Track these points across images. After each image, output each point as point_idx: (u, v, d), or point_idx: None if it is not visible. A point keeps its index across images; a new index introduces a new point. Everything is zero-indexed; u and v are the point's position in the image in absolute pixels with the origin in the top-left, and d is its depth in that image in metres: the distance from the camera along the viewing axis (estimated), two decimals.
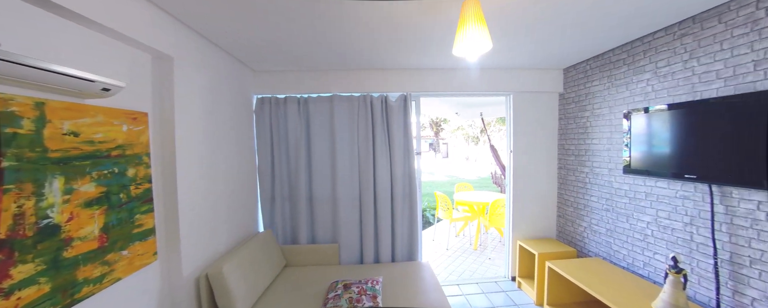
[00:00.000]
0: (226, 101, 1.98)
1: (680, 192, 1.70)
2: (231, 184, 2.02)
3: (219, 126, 1.88)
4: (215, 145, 1.83)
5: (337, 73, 2.50)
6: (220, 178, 1.88)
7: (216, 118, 1.85)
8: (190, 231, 1.56)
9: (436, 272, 3.10)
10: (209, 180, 1.75)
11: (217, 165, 1.84)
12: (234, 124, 2.09)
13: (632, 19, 1.63)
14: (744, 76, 1.40)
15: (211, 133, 1.79)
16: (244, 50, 1.97)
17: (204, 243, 1.68)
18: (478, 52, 1.16)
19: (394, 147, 2.47)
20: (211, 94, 1.79)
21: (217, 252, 1.81)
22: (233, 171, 2.06)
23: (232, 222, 2.03)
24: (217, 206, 1.83)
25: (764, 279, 1.34)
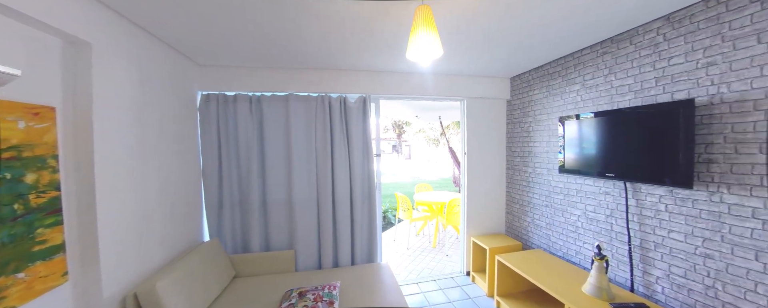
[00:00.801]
0: (162, 97, 1.77)
1: (603, 188, 1.96)
2: (168, 190, 1.81)
3: (152, 125, 1.67)
4: (148, 145, 1.62)
5: (294, 72, 2.39)
6: (154, 183, 1.67)
7: (149, 115, 1.64)
8: (114, 244, 1.36)
9: (397, 272, 3.16)
10: (139, 186, 1.54)
11: (149, 169, 1.63)
12: (172, 122, 1.88)
13: (566, 38, 1.85)
14: (648, 90, 1.66)
15: (142, 132, 1.58)
16: (185, 41, 1.79)
17: (133, 257, 1.48)
18: (430, 58, 1.21)
19: (353, 148, 2.44)
20: (142, 88, 1.58)
21: (150, 266, 1.61)
22: (171, 175, 1.85)
23: (170, 233, 1.82)
24: (151, 215, 1.63)
25: (665, 261, 1.60)
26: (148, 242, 1.60)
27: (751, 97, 1.25)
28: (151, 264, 1.63)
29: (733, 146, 1.31)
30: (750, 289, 1.28)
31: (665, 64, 1.57)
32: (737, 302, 1.32)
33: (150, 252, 1.62)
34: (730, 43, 1.31)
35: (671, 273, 1.57)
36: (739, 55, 1.29)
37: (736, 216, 1.31)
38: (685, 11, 1.47)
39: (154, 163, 1.68)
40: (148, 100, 1.65)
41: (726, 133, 1.33)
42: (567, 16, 1.55)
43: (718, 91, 1.35)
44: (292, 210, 2.35)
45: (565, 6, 1.44)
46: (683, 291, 1.52)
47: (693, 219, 1.47)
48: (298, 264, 2.37)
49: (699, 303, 1.45)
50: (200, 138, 2.26)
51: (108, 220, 1.32)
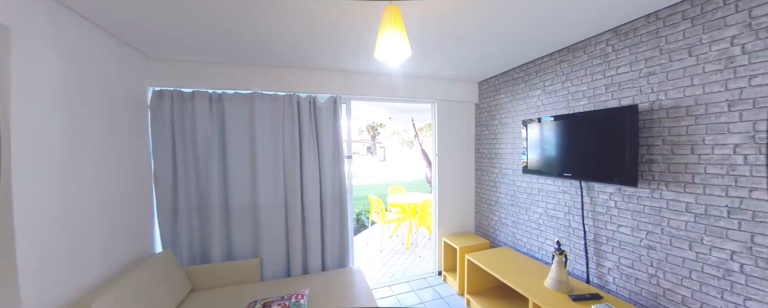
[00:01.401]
0: (103, 92, 1.57)
1: (561, 187, 2.09)
2: (110, 197, 1.61)
3: (90, 123, 1.47)
4: (83, 146, 1.42)
5: (259, 69, 2.26)
6: (92, 190, 1.47)
7: (85, 113, 1.44)
8: (38, 261, 1.17)
9: (370, 275, 3.13)
10: (72, 193, 1.35)
11: (86, 173, 1.43)
12: (116, 121, 1.67)
13: (528, 46, 1.95)
14: (599, 96, 1.80)
15: (77, 131, 1.38)
16: (133, 31, 1.61)
17: (64, 274, 1.29)
18: (398, 58, 1.21)
19: (323, 150, 2.36)
20: (77, 81, 1.39)
21: (86, 284, 1.41)
22: (114, 180, 1.64)
23: (113, 245, 1.62)
24: (87, 226, 1.43)
25: (615, 253, 1.74)
26: (84, 256, 1.40)
27: (683, 104, 1.40)
28: (89, 281, 1.43)
29: (669, 148, 1.46)
30: (686, 276, 1.42)
31: (613, 73, 1.71)
32: (675, 288, 1.46)
33: (87, 268, 1.42)
34: (667, 56, 1.46)
35: (620, 264, 1.71)
36: (674, 66, 1.44)
37: (673, 210, 1.46)
38: (629, 25, 1.62)
39: (91, 167, 1.47)
40: (85, 96, 1.45)
41: (664, 135, 1.48)
42: (526, 26, 1.64)
43: (658, 97, 1.50)
44: (258, 216, 2.21)
45: (525, 16, 1.51)
46: (631, 281, 1.66)
47: (638, 214, 1.61)
48: (265, 273, 2.23)
49: (644, 291, 1.59)
50: (151, 138, 2.04)
51: (29, 233, 1.13)
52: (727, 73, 1.26)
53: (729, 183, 1.26)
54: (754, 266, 1.20)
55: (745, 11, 1.20)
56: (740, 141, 1.23)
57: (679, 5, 1.40)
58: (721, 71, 1.28)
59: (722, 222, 1.29)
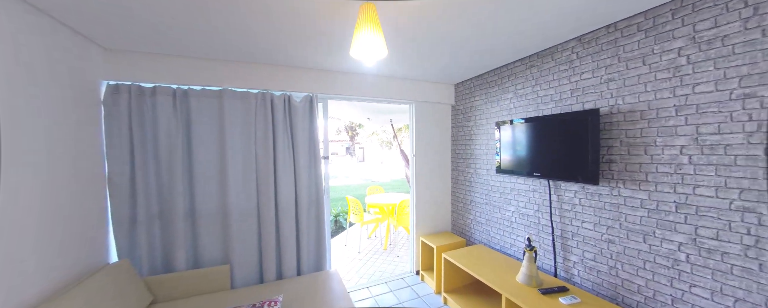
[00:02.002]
0: (44, 85, 1.40)
1: (531, 186, 2.19)
2: (53, 203, 1.43)
3: (26, 120, 1.30)
4: (18, 146, 1.25)
5: (230, 65, 2.14)
6: (30, 195, 1.30)
7: (21, 107, 1.27)
8: None
9: (348, 278, 3.10)
10: (4, 200, 1.18)
11: (21, 177, 1.26)
12: (61, 117, 1.49)
13: (501, 51, 2.02)
14: (566, 100, 1.91)
15: (10, 128, 1.21)
16: (83, 19, 1.45)
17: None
18: (374, 57, 1.21)
19: (298, 151, 2.28)
20: (12, 72, 1.23)
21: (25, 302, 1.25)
22: (58, 183, 1.46)
23: (56, 257, 1.44)
24: (23, 236, 1.26)
25: (580, 247, 1.85)
26: (20, 271, 1.24)
27: (638, 109, 1.52)
28: (28, 298, 1.26)
29: (626, 148, 1.58)
30: (641, 267, 1.54)
31: (578, 78, 1.83)
32: (632, 278, 1.58)
33: (25, 283, 1.25)
34: (624, 64, 1.58)
35: (584, 258, 1.82)
36: (630, 73, 1.56)
37: (629, 206, 1.58)
38: (592, 34, 1.73)
39: (27, 170, 1.30)
40: (21, 88, 1.27)
41: (622, 137, 1.60)
42: (498, 32, 1.70)
43: (616, 102, 1.62)
44: (227, 221, 2.09)
45: (497, 23, 1.56)
46: (593, 273, 1.77)
47: (599, 210, 1.72)
48: (235, 280, 2.11)
49: (605, 282, 1.71)
50: (104, 137, 1.84)
51: None
52: (675, 80, 1.38)
53: (677, 181, 1.39)
54: (697, 256, 1.33)
55: (690, 25, 1.33)
56: (686, 142, 1.35)
57: (635, 18, 1.53)
58: (670, 79, 1.40)
59: (671, 217, 1.41)
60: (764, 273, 1.15)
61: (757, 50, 1.15)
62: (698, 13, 1.30)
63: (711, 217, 1.28)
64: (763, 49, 1.13)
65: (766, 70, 1.13)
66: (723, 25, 1.23)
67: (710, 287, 1.29)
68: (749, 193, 1.18)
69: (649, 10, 1.47)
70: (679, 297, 1.40)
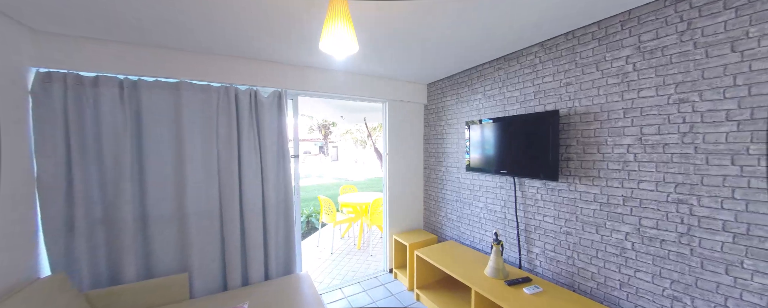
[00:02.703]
0: None
1: (498, 183, 2.29)
2: None
3: None
4: None
5: (189, 55, 1.96)
6: None
7: None
8: None
9: (320, 279, 3.03)
10: None
11: None
12: None
13: (470, 53, 2.08)
14: (529, 102, 2.02)
15: None
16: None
17: None
18: (345, 52, 1.18)
19: (266, 149, 2.16)
20: None
21: None
22: None
23: None
24: None
25: (541, 240, 1.97)
26: None
27: (592, 111, 1.65)
28: None
29: (582, 147, 1.71)
30: (594, 255, 1.68)
31: (540, 82, 1.94)
32: (587, 266, 1.72)
33: None
34: (581, 69, 1.71)
35: (545, 249, 1.94)
36: (585, 78, 1.68)
37: (584, 201, 1.71)
38: (553, 41, 1.85)
39: None
40: None
41: (578, 137, 1.73)
42: (468, 36, 1.75)
43: (573, 104, 1.74)
44: (185, 225, 1.92)
45: (467, 27, 1.61)
46: (553, 263, 1.90)
47: (558, 205, 1.85)
48: (195, 289, 1.94)
49: (563, 271, 1.84)
50: (33, 132, 1.60)
51: None
52: (623, 86, 1.52)
53: (624, 177, 1.53)
54: (641, 243, 1.48)
55: (636, 36, 1.46)
56: (631, 142, 1.49)
57: (590, 27, 1.65)
58: (619, 84, 1.54)
59: (619, 209, 1.55)
60: (695, 257, 1.30)
61: (690, 60, 1.29)
62: (643, 25, 1.44)
63: (652, 209, 1.43)
64: (695, 59, 1.28)
65: (697, 78, 1.28)
66: (663, 36, 1.37)
67: (651, 271, 1.44)
68: (683, 187, 1.33)
69: (602, 20, 1.59)
70: (625, 282, 1.54)
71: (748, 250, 1.16)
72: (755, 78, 1.13)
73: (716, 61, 1.22)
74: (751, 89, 1.15)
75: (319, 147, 25.50)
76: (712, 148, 1.24)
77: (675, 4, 1.33)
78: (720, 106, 1.22)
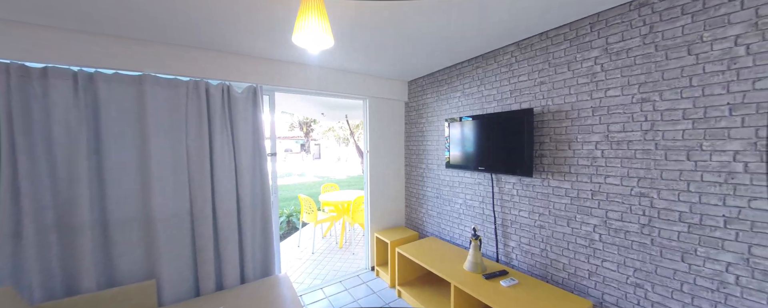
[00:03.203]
0: None
1: (477, 179, 2.34)
2: None
3: None
4: None
5: (155, 47, 1.83)
6: None
7: None
8: None
9: (300, 280, 2.97)
10: None
11: None
12: None
13: (450, 51, 2.10)
14: (506, 100, 2.07)
15: None
16: None
17: None
18: (319, 46, 1.14)
19: (240, 147, 2.06)
20: None
21: None
22: None
23: None
24: None
25: (517, 234, 2.04)
26: None
27: (563, 109, 1.72)
28: None
29: (554, 144, 1.77)
30: (565, 247, 1.76)
31: (516, 80, 1.99)
32: (558, 258, 1.79)
33: None
34: (553, 69, 1.77)
35: (521, 243, 2.01)
36: (557, 77, 1.74)
37: (556, 195, 1.78)
38: (528, 41, 1.90)
39: None
40: None
41: (551, 134, 1.79)
42: (446, 34, 1.76)
43: (547, 103, 1.81)
44: (152, 228, 1.80)
45: (445, 25, 1.62)
46: (528, 256, 1.97)
47: (532, 199, 1.92)
48: (164, 296, 1.83)
49: (538, 263, 1.91)
50: None
51: None
52: (592, 85, 1.59)
53: (592, 172, 1.60)
54: (607, 235, 1.56)
55: (604, 38, 1.53)
56: (599, 139, 1.57)
57: (562, 28, 1.71)
58: (588, 84, 1.61)
59: (588, 203, 1.63)
60: (655, 246, 1.39)
61: (652, 62, 1.37)
62: (610, 28, 1.51)
63: (617, 202, 1.51)
64: (656, 61, 1.36)
65: (658, 79, 1.36)
66: (628, 39, 1.45)
67: (616, 260, 1.53)
68: (644, 181, 1.41)
69: (573, 22, 1.65)
70: (594, 271, 1.63)
71: (701, 239, 1.26)
72: (708, 79, 1.22)
73: (675, 62, 1.31)
74: (704, 90, 1.23)
75: (301, 145, 25.02)
76: (671, 145, 1.33)
77: (639, 8, 1.41)
78: (677, 105, 1.30)
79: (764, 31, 1.09)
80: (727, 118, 1.18)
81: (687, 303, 1.31)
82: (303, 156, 23.98)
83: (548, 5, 1.47)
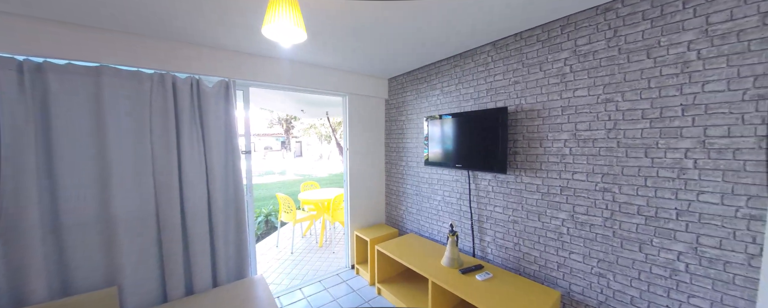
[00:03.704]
0: None
1: (454, 176, 2.38)
2: None
3: None
4: None
5: (114, 36, 1.69)
6: None
7: None
8: None
9: (279, 281, 2.90)
10: None
11: None
12: None
13: (428, 49, 2.11)
14: (482, 98, 2.12)
15: None
16: None
17: None
18: (290, 40, 1.11)
19: (211, 145, 1.96)
20: None
21: None
22: None
23: None
24: None
25: (492, 229, 2.10)
26: None
27: (535, 108, 1.78)
28: None
29: (527, 142, 1.84)
30: (536, 241, 1.83)
31: (492, 79, 2.04)
32: (530, 251, 1.86)
33: None
34: (527, 69, 1.82)
35: (496, 237, 2.07)
36: (530, 77, 1.80)
37: (529, 191, 1.85)
38: (503, 41, 1.94)
39: None
40: None
41: (523, 132, 1.85)
42: (425, 32, 1.76)
43: (520, 102, 1.86)
44: (113, 232, 1.68)
45: (423, 23, 1.62)
46: (502, 250, 2.03)
47: (507, 195, 1.98)
48: (128, 304, 1.71)
49: (511, 257, 1.98)
50: None
51: None
52: (561, 85, 1.66)
53: (561, 169, 1.68)
54: (574, 228, 1.64)
55: (573, 40, 1.60)
56: (567, 137, 1.64)
57: (535, 30, 1.77)
58: (558, 84, 1.67)
59: (557, 198, 1.70)
60: (616, 238, 1.48)
61: (615, 64, 1.45)
62: (579, 30, 1.57)
63: (583, 197, 1.59)
64: (619, 63, 1.44)
65: (620, 81, 1.43)
66: (594, 42, 1.52)
67: (582, 252, 1.61)
68: (607, 177, 1.49)
69: (545, 24, 1.71)
70: (562, 263, 1.71)
71: (656, 230, 1.35)
72: (664, 82, 1.30)
73: (635, 65, 1.38)
74: (661, 91, 1.32)
75: (281, 142, 24.42)
76: (631, 143, 1.41)
77: (604, 12, 1.48)
78: (637, 105, 1.39)
79: (713, 37, 1.18)
80: (680, 118, 1.27)
81: (644, 290, 1.40)
82: (284, 154, 23.43)
83: (525, 5, 1.51)
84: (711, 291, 1.22)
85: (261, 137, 23.73)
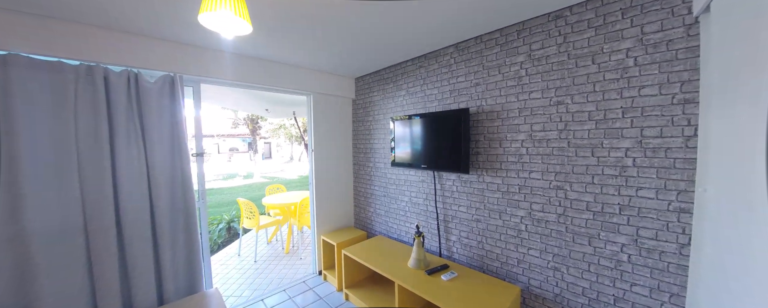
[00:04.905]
0: None
1: (421, 177, 2.39)
2: None
3: None
4: None
5: (27, 19, 1.44)
6: None
7: None
8: None
9: (238, 293, 2.71)
10: None
11: None
12: None
13: (392, 50, 2.09)
14: (446, 100, 2.14)
15: None
16: None
17: None
18: (233, 31, 1.01)
19: (153, 147, 1.77)
20: None
21: None
22: None
23: None
24: None
25: (457, 228, 2.12)
26: None
27: (495, 109, 1.83)
28: None
29: (488, 142, 1.88)
30: (497, 238, 1.88)
31: (455, 81, 2.07)
32: (492, 249, 1.91)
33: None
34: (487, 71, 1.87)
35: (461, 237, 2.10)
36: (490, 79, 1.85)
37: (490, 190, 1.89)
38: (465, 43, 1.98)
39: None
40: None
41: (485, 133, 1.90)
42: (387, 31, 1.74)
43: (481, 103, 1.91)
44: (26, 249, 1.43)
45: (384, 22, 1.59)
46: (467, 248, 2.07)
47: (470, 195, 2.01)
48: None
49: (475, 255, 2.02)
50: None
51: None
52: (518, 88, 1.72)
53: (519, 168, 1.74)
54: (531, 225, 1.70)
55: (528, 45, 1.66)
56: (524, 138, 1.70)
57: (493, 33, 1.82)
58: (515, 86, 1.73)
59: (516, 197, 1.76)
60: (568, 233, 1.56)
61: (565, 69, 1.52)
62: (533, 36, 1.64)
63: (539, 195, 1.66)
64: (568, 68, 1.51)
65: (570, 84, 1.51)
66: (547, 47, 1.59)
67: (539, 248, 1.68)
68: (560, 175, 1.57)
69: (503, 28, 1.77)
70: (521, 259, 1.77)
71: (603, 225, 1.44)
72: (607, 86, 1.40)
73: (582, 70, 1.47)
74: (604, 95, 1.41)
75: (248, 143, 23.23)
76: (579, 143, 1.49)
77: (555, 20, 1.55)
78: (584, 107, 1.47)
79: (647, 46, 1.28)
80: (621, 120, 1.36)
81: (593, 281, 1.49)
82: (251, 155, 22.31)
83: (486, 7, 1.53)
84: (650, 279, 1.32)
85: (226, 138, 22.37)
